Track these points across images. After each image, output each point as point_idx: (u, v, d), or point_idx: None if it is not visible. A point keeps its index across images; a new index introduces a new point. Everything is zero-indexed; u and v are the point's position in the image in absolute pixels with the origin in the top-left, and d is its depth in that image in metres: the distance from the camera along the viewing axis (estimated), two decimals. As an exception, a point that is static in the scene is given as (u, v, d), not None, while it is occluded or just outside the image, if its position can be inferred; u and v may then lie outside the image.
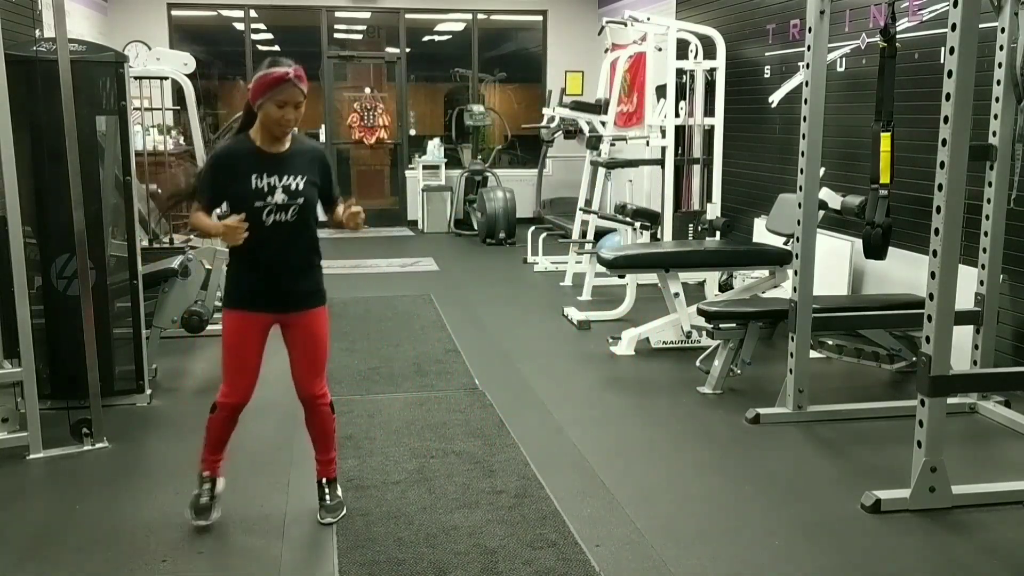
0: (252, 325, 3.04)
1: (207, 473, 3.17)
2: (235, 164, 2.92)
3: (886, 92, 3.87)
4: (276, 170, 2.92)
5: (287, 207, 2.92)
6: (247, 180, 2.89)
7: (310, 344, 3.10)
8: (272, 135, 2.92)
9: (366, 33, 11.66)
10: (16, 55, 3.85)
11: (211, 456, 3.18)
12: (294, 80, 2.84)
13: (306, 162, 2.99)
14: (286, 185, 2.92)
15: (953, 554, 2.96)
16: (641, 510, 3.25)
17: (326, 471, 3.25)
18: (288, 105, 2.85)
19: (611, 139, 7.50)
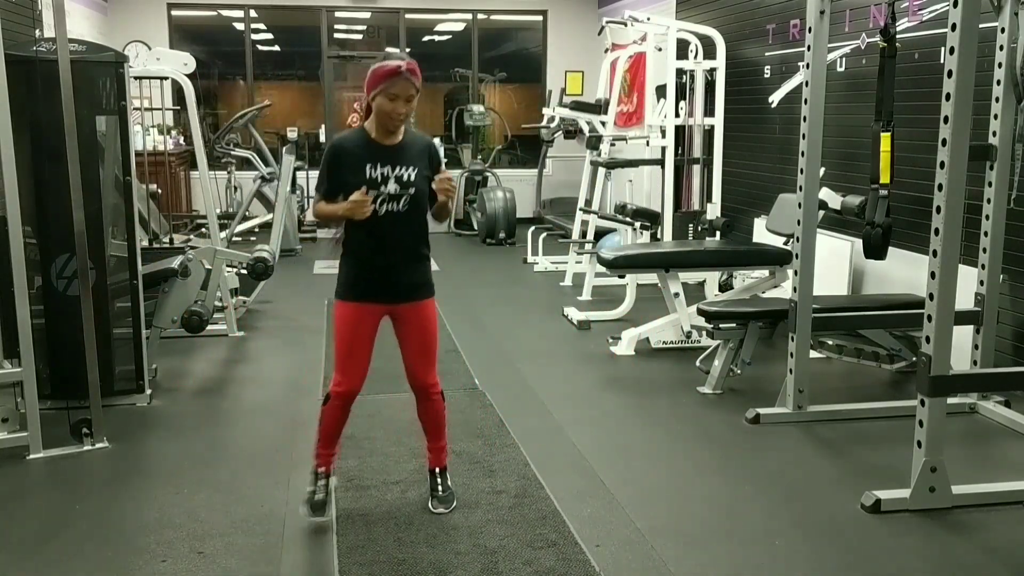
0: (365, 316, 3.08)
1: (322, 469, 3.21)
2: (351, 154, 3.00)
3: (886, 92, 3.87)
4: (389, 160, 2.99)
5: (399, 197, 2.98)
6: (362, 170, 2.96)
7: (422, 334, 3.15)
8: (385, 127, 3.00)
9: (366, 33, 11.66)
10: (16, 55, 3.85)
11: (324, 450, 3.21)
12: (406, 74, 2.91)
13: (417, 153, 3.06)
14: (398, 175, 2.99)
15: (953, 554, 2.96)
16: (641, 510, 3.25)
17: (438, 460, 3.30)
18: (399, 98, 2.93)
19: (611, 139, 7.50)
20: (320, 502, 3.15)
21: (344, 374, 3.11)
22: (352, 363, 3.09)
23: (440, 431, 3.29)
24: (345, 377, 3.11)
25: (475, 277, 8.05)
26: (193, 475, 3.59)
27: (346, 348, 3.09)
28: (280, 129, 10.70)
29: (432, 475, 3.30)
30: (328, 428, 3.20)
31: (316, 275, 8.06)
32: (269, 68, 11.55)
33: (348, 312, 3.08)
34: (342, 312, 3.09)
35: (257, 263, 5.65)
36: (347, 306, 3.08)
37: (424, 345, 3.16)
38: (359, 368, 3.11)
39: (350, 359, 3.09)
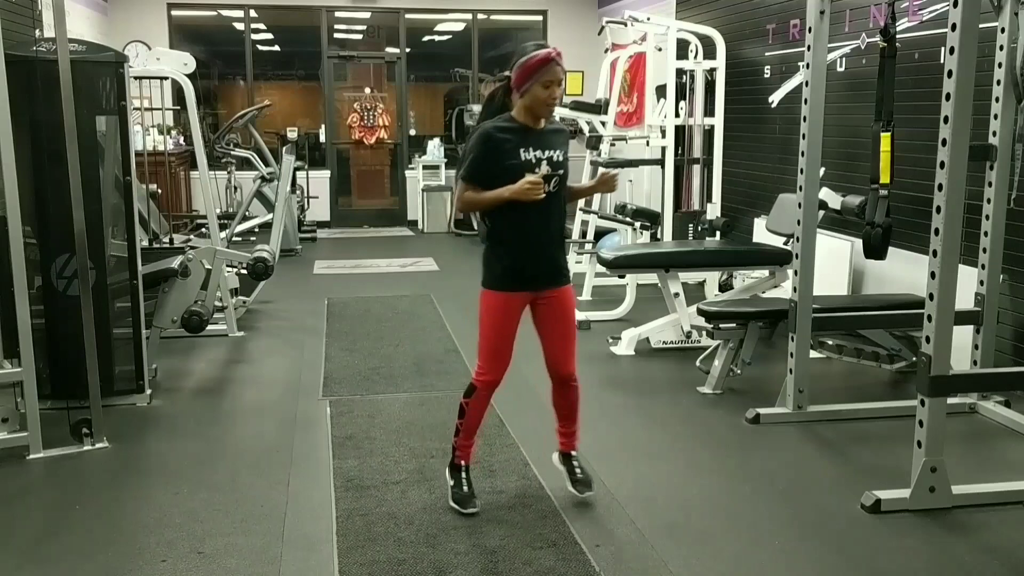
0: (513, 305, 3.14)
1: (463, 462, 3.29)
2: (504, 140, 3.05)
3: (886, 92, 3.87)
4: (539, 144, 3.06)
5: (550, 179, 3.04)
6: (516, 153, 3.03)
7: (564, 322, 3.20)
8: (535, 115, 3.07)
9: (366, 33, 11.66)
10: (16, 55, 3.85)
11: (466, 442, 3.28)
12: (556, 59, 3.00)
13: (559, 137, 3.14)
14: (549, 157, 3.06)
15: (953, 554, 2.96)
16: (641, 510, 3.25)
17: (570, 443, 3.37)
18: (553, 84, 3.00)
19: (611, 139, 7.50)
20: (467, 495, 3.22)
21: (490, 363, 3.16)
22: (500, 352, 3.15)
23: (575, 416, 3.35)
24: (491, 366, 3.16)
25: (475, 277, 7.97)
26: (193, 475, 3.59)
27: (495, 337, 3.14)
28: (280, 129, 10.70)
29: (567, 459, 3.36)
30: (472, 420, 3.25)
31: (316, 275, 8.07)
32: (269, 68, 11.56)
33: (498, 301, 3.13)
34: (491, 302, 3.14)
35: (257, 263, 5.65)
36: (497, 296, 3.13)
37: (566, 334, 3.21)
38: (505, 358, 3.17)
39: (498, 348, 3.15)
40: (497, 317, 3.13)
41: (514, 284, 3.12)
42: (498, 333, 3.14)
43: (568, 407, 3.33)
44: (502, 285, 3.12)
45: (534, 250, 3.12)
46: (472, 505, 3.20)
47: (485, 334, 3.17)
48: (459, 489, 3.24)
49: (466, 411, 3.24)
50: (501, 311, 3.13)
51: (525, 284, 3.13)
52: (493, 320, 3.14)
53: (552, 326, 3.20)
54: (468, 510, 3.18)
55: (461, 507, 3.20)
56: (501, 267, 3.13)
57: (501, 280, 3.13)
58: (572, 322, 3.23)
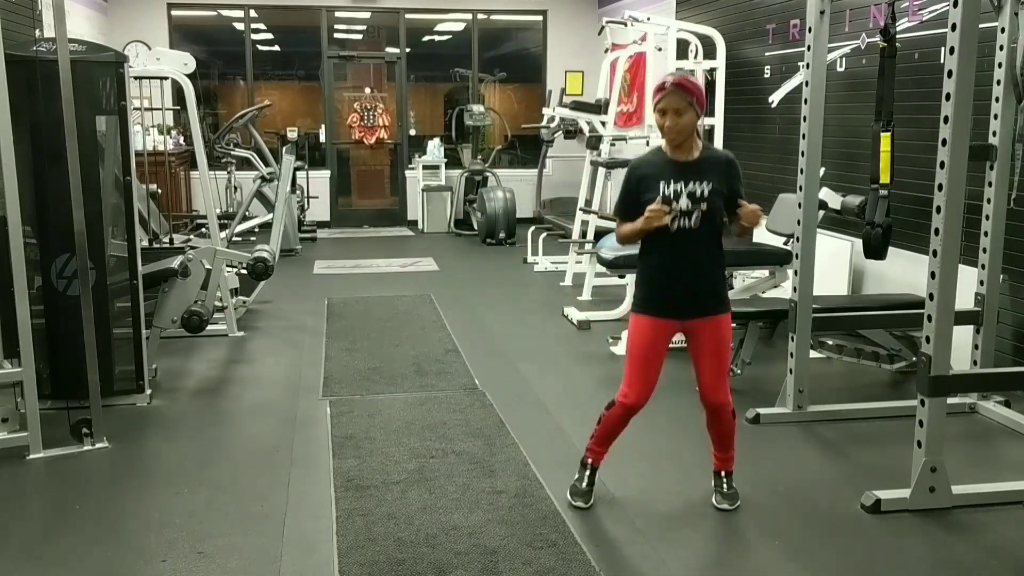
0: (659, 331, 3.13)
1: (590, 460, 3.31)
2: (648, 173, 3.07)
3: (886, 92, 3.87)
4: (682, 177, 3.03)
5: (690, 213, 3.01)
6: (656, 186, 3.03)
7: (715, 351, 3.16)
8: (671, 143, 3.06)
9: (366, 33, 11.66)
10: (16, 55, 3.85)
11: (598, 447, 3.31)
12: (671, 88, 2.97)
13: (713, 169, 3.08)
14: (691, 191, 3.02)
15: (953, 554, 2.96)
16: (641, 510, 3.25)
17: (724, 465, 3.37)
18: (668, 112, 2.98)
19: (611, 139, 7.50)
20: (582, 490, 3.28)
21: (632, 386, 3.14)
22: (642, 377, 3.13)
23: (728, 443, 3.32)
24: (632, 389, 3.14)
25: (475, 277, 8.05)
26: (193, 475, 3.59)
27: (639, 361, 3.14)
28: (280, 129, 10.70)
29: (717, 476, 3.37)
30: (606, 432, 3.26)
31: (316, 275, 8.07)
32: (269, 68, 11.55)
33: (644, 326, 3.13)
34: (637, 325, 3.15)
35: (257, 263, 5.65)
36: (643, 320, 3.13)
37: (717, 363, 3.18)
38: (648, 382, 3.14)
39: (641, 373, 3.13)
40: (641, 341, 3.14)
41: (658, 311, 3.12)
42: (642, 357, 3.13)
43: (720, 434, 3.30)
44: (643, 309, 3.14)
45: (674, 280, 3.10)
46: (584, 501, 3.26)
47: (629, 356, 3.18)
48: (577, 483, 3.31)
49: (602, 420, 3.25)
50: (646, 336, 3.13)
51: (668, 312, 3.12)
52: (637, 343, 3.15)
53: (702, 355, 3.17)
54: (576, 502, 3.26)
55: (571, 498, 3.28)
56: (646, 293, 3.15)
57: (646, 305, 3.14)
58: (723, 349, 3.18)
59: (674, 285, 3.10)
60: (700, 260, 3.10)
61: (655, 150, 3.16)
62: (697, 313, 3.12)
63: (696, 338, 3.16)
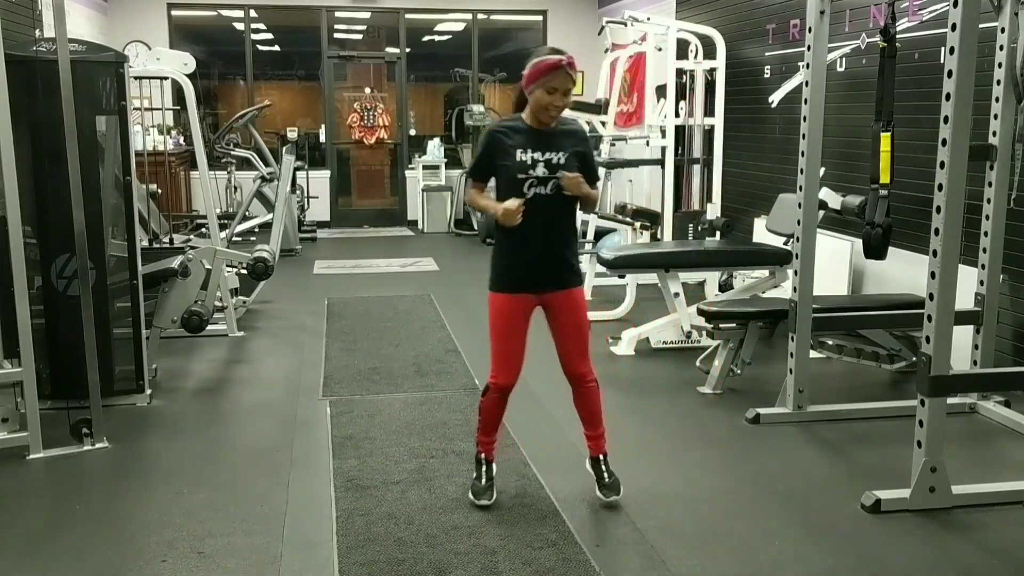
0: (518, 308, 3.15)
1: (483, 455, 3.32)
2: (506, 140, 3.09)
3: (886, 92, 3.87)
4: (540, 147, 3.06)
5: (546, 180, 3.05)
6: (514, 154, 3.06)
7: (575, 323, 3.19)
8: (539, 118, 3.08)
9: (366, 33, 11.66)
10: (16, 55, 3.85)
11: (485, 438, 3.31)
12: (566, 68, 2.98)
13: (569, 140, 3.12)
14: (547, 159, 3.05)
15: (953, 554, 2.96)
16: (641, 510, 3.25)
17: (598, 447, 3.34)
18: (558, 91, 3.00)
19: (611, 139, 7.50)
20: (482, 487, 3.26)
21: (500, 367, 3.17)
22: (508, 356, 3.15)
23: (597, 419, 3.32)
24: (500, 370, 3.17)
25: (475, 277, 8.04)
26: (193, 475, 3.59)
27: (502, 341, 3.16)
28: (280, 129, 10.71)
29: (595, 464, 3.33)
30: (487, 419, 3.28)
31: (316, 275, 8.07)
32: (269, 68, 11.55)
33: (501, 304, 3.15)
34: (495, 304, 3.17)
35: (257, 263, 5.65)
36: (499, 298, 3.15)
37: (577, 334, 3.20)
38: (515, 361, 3.16)
39: (506, 352, 3.16)
40: (501, 319, 3.15)
41: (513, 286, 3.13)
42: (502, 335, 3.16)
43: (587, 410, 3.31)
44: (503, 287, 3.15)
45: (533, 253, 3.11)
46: (485, 497, 3.24)
47: (491, 337, 3.19)
48: (477, 481, 3.30)
49: (481, 410, 3.27)
50: (504, 314, 3.14)
51: (525, 286, 3.14)
52: (497, 323, 3.16)
53: (562, 328, 3.20)
54: (480, 502, 3.24)
55: (475, 498, 3.25)
56: (501, 269, 3.16)
57: (502, 282, 3.16)
58: (582, 322, 3.22)
59: (531, 257, 3.11)
60: (555, 229, 3.11)
61: (515, 117, 3.14)
62: (554, 286, 3.14)
63: (555, 312, 3.18)
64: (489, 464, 3.33)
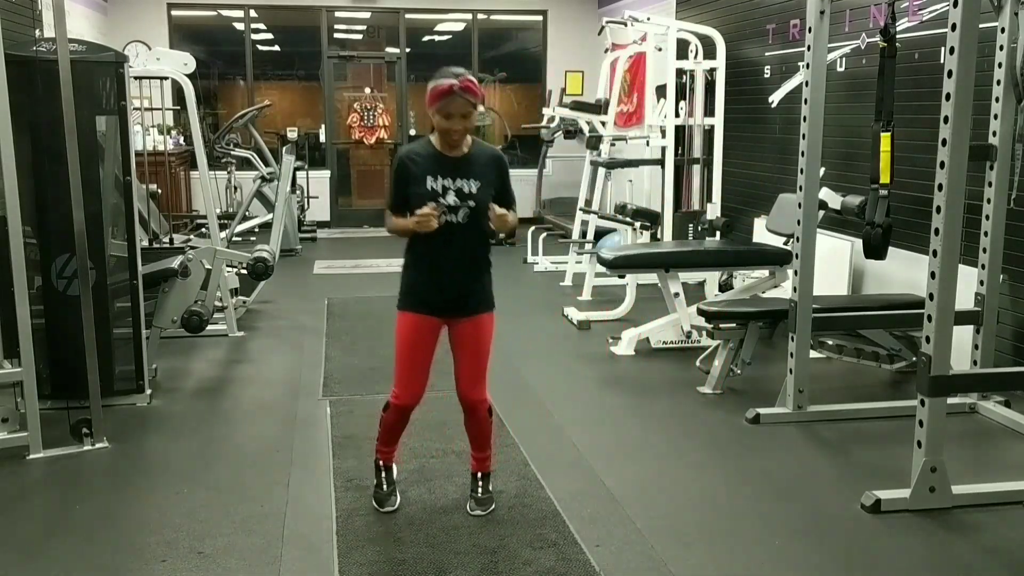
0: (424, 328, 3.08)
1: (382, 462, 3.29)
2: (415, 167, 3.00)
3: (886, 92, 3.87)
4: (451, 173, 2.98)
5: (457, 209, 2.96)
6: (423, 181, 2.97)
7: (474, 350, 3.13)
8: (445, 141, 3.00)
9: (366, 33, 11.66)
10: (16, 55, 3.85)
11: (385, 448, 3.29)
12: (458, 92, 2.88)
13: (482, 167, 3.03)
14: (458, 188, 2.97)
15: (953, 554, 2.96)
16: (641, 510, 3.25)
17: (481, 466, 3.31)
18: (454, 116, 2.91)
19: (611, 139, 7.50)
20: (384, 493, 3.24)
21: (402, 386, 3.12)
22: (410, 375, 3.10)
23: (485, 443, 3.29)
24: (403, 390, 3.12)
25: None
26: (193, 475, 3.59)
27: (406, 361, 3.10)
28: (280, 129, 10.70)
29: (474, 478, 3.31)
30: (387, 433, 3.25)
31: (316, 275, 8.07)
32: (269, 68, 11.55)
33: (408, 324, 3.09)
34: (402, 323, 3.11)
35: (257, 263, 5.65)
36: (406, 317, 3.10)
37: (475, 361, 3.14)
38: (418, 381, 3.11)
39: (408, 371, 3.11)
40: (405, 338, 3.09)
41: (421, 307, 3.07)
42: (406, 355, 3.09)
43: (478, 434, 3.26)
44: (409, 306, 3.09)
45: (442, 280, 3.05)
46: (389, 504, 3.22)
47: (396, 355, 3.12)
48: (379, 489, 3.27)
49: (381, 423, 3.22)
50: (409, 333, 3.08)
51: (431, 309, 3.07)
52: (401, 341, 3.09)
53: (461, 352, 3.13)
54: (385, 508, 3.21)
55: (379, 506, 3.22)
56: (410, 289, 3.10)
57: (409, 302, 3.09)
58: (481, 348, 3.13)
59: (437, 282, 3.05)
60: (465, 258, 3.05)
61: (425, 142, 3.06)
62: (460, 312, 3.08)
63: (457, 336, 3.12)
64: (389, 469, 3.30)
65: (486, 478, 3.31)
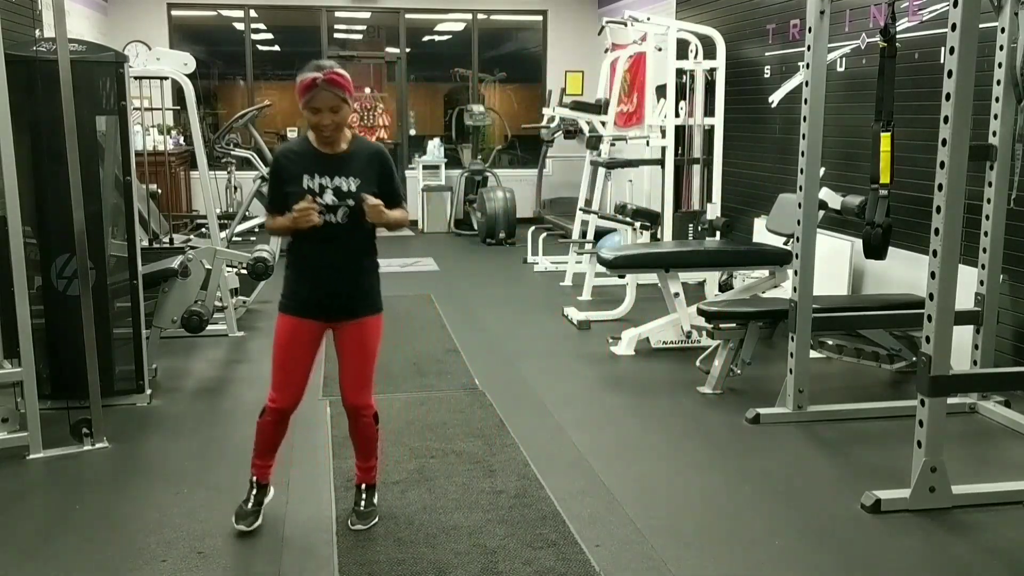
0: (302, 331, 3.00)
1: (256, 477, 3.14)
2: (291, 164, 2.92)
3: (886, 92, 3.87)
4: (328, 171, 2.89)
5: (336, 209, 2.88)
6: (300, 180, 2.88)
7: (357, 354, 3.05)
8: (320, 138, 2.90)
9: (366, 33, 11.66)
10: (16, 55, 3.85)
11: (259, 461, 3.14)
12: (323, 85, 2.77)
13: (363, 164, 2.93)
14: (336, 186, 2.88)
15: (953, 554, 2.96)
16: (641, 510, 3.25)
17: (365, 477, 3.22)
18: (323, 110, 2.81)
19: (611, 139, 7.50)
20: (247, 512, 3.08)
21: (278, 390, 3.02)
22: (286, 379, 3.01)
23: (370, 452, 3.19)
24: (279, 394, 3.02)
25: (475, 277, 8.05)
26: (193, 475, 3.59)
27: (283, 364, 3.01)
28: (280, 129, 10.70)
29: (358, 490, 3.21)
30: (263, 441, 3.11)
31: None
32: (269, 68, 11.56)
33: (287, 326, 3.00)
34: (281, 325, 3.01)
35: (257, 263, 5.65)
36: (286, 320, 3.00)
37: (358, 366, 3.05)
38: (294, 385, 3.01)
39: (284, 375, 3.01)
40: (282, 342, 3.00)
41: (300, 310, 2.98)
42: (283, 359, 3.01)
43: (361, 441, 3.16)
44: (287, 309, 3.00)
45: (322, 282, 2.96)
46: (246, 523, 3.06)
47: (273, 357, 3.03)
48: (244, 504, 3.11)
49: (257, 431, 3.11)
50: (287, 336, 2.99)
51: (312, 312, 2.98)
52: (278, 345, 3.01)
53: (344, 357, 3.04)
54: (239, 526, 3.05)
55: (235, 521, 3.07)
56: (290, 292, 3.01)
57: (288, 305, 3.00)
58: (366, 354, 3.05)
59: (318, 285, 2.96)
60: (347, 260, 2.96)
61: (302, 140, 2.95)
62: (342, 315, 2.99)
63: (340, 340, 3.03)
64: (262, 488, 3.14)
65: (370, 490, 3.20)
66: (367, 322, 3.04)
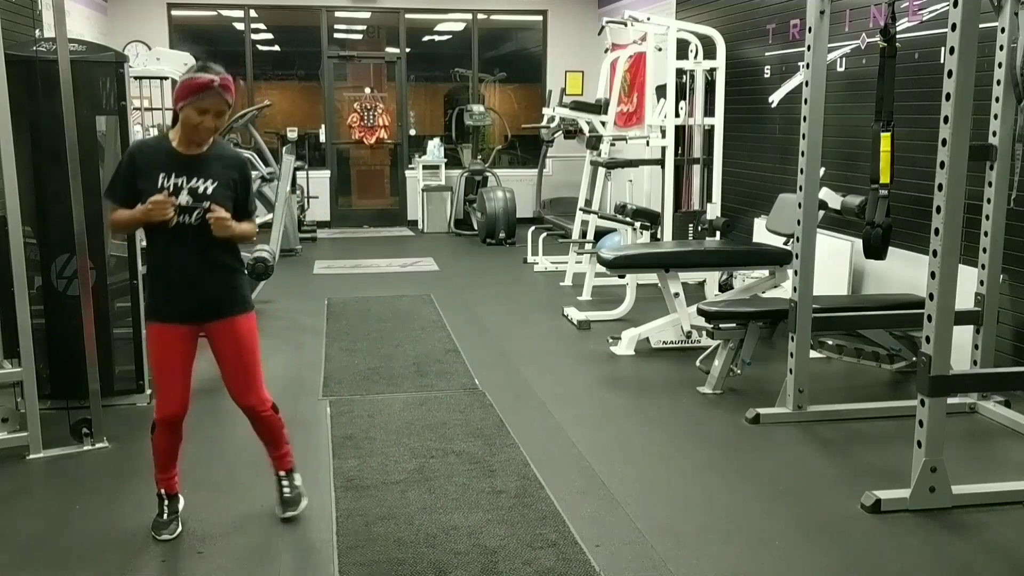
0: (172, 337, 2.95)
1: (162, 490, 3.12)
2: (147, 160, 2.87)
3: (886, 92, 3.87)
4: (185, 171, 2.86)
5: (191, 210, 2.84)
6: (155, 177, 2.83)
7: (233, 354, 3.03)
8: (190, 139, 2.88)
9: (366, 33, 11.66)
10: (16, 55, 3.85)
11: (162, 475, 3.11)
12: (218, 89, 2.80)
13: (221, 168, 2.92)
14: (193, 187, 2.84)
15: (953, 554, 2.96)
16: (641, 510, 3.25)
17: (281, 464, 3.23)
18: (209, 113, 2.82)
19: (611, 139, 7.50)
20: (164, 522, 3.06)
21: (162, 399, 2.99)
22: (168, 387, 2.97)
23: (278, 442, 3.20)
24: (163, 403, 2.99)
25: (475, 277, 8.06)
26: (193, 475, 3.59)
27: (162, 373, 2.97)
28: (280, 129, 10.70)
29: (278, 479, 3.21)
30: (160, 455, 3.08)
31: (316, 275, 8.07)
32: (269, 68, 11.55)
33: (157, 334, 2.96)
34: (151, 334, 2.98)
35: (257, 263, 5.65)
36: (155, 328, 2.96)
37: (239, 365, 3.03)
38: (177, 391, 2.98)
39: (167, 384, 2.97)
40: (156, 350, 2.96)
41: (167, 316, 2.93)
42: (159, 367, 2.96)
43: (267, 434, 3.17)
44: (156, 316, 2.96)
45: (182, 284, 2.91)
46: (167, 532, 3.03)
47: (151, 367, 3.01)
48: (159, 517, 3.07)
49: (153, 448, 3.08)
50: (159, 344, 2.95)
51: (178, 316, 2.93)
52: (153, 353, 2.98)
53: (221, 358, 3.03)
54: (161, 536, 3.02)
55: (155, 533, 3.04)
56: (153, 298, 2.99)
57: (154, 311, 2.97)
58: (244, 352, 3.03)
59: (177, 287, 2.92)
60: (204, 262, 2.91)
61: (160, 137, 2.96)
62: (209, 316, 2.96)
63: (215, 342, 3.01)
64: (172, 498, 3.12)
65: (290, 475, 3.21)
66: (237, 321, 3.01)
